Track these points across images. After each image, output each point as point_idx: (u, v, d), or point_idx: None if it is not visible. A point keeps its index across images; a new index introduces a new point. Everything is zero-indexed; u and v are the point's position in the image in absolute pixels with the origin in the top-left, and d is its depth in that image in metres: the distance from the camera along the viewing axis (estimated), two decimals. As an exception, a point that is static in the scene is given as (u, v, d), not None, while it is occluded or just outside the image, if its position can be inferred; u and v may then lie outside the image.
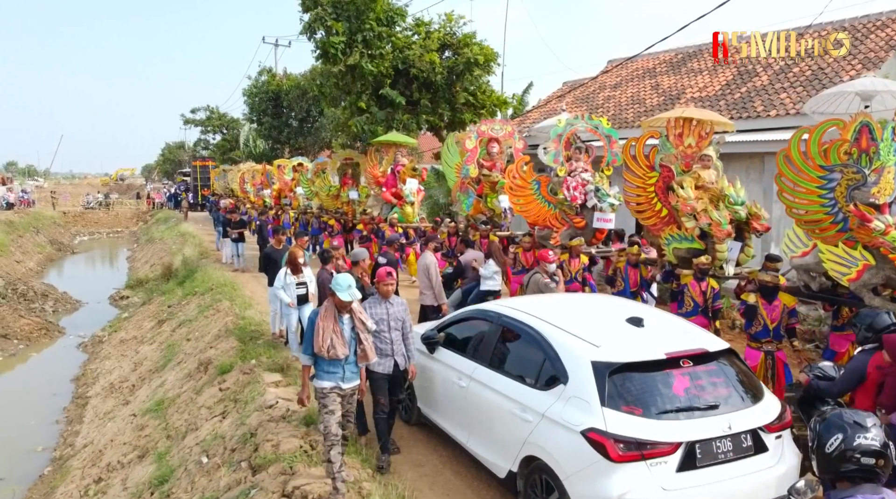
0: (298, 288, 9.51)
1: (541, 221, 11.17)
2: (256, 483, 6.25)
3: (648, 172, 8.97)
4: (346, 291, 5.45)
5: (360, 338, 5.61)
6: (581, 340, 5.03)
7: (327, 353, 5.43)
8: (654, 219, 9.03)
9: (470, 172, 13.19)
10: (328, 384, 5.56)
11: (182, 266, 22.09)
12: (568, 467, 4.64)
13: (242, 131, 56.03)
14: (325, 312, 5.54)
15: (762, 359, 6.99)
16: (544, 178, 11.05)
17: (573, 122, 11.24)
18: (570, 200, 10.47)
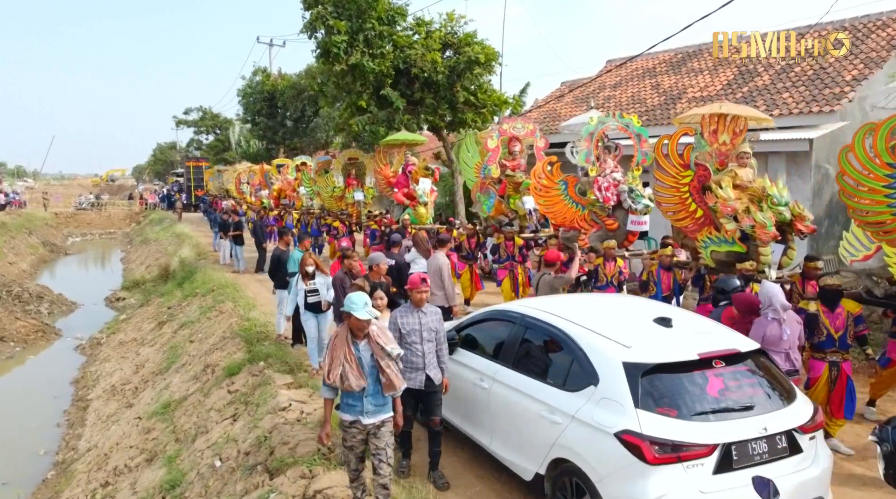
0: (310, 296, 9.09)
1: (568, 222, 10.85)
2: (275, 487, 6.17)
3: (682, 170, 8.59)
4: (362, 309, 4.82)
5: (380, 366, 4.89)
6: (611, 340, 4.98)
7: (342, 384, 4.85)
8: (688, 221, 8.63)
9: (492, 172, 12.91)
10: (348, 418, 5.03)
11: (180, 267, 21.92)
12: (601, 469, 4.58)
13: (233, 131, 55.93)
14: (338, 339, 4.94)
15: (826, 370, 6.60)
16: (572, 178, 10.79)
17: (605, 120, 10.91)
18: (603, 202, 10.10)
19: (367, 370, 4.87)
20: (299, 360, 9.48)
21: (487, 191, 13.16)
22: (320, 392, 5.21)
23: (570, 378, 5.13)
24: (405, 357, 5.63)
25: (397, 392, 5.06)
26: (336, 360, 4.85)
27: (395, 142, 16.19)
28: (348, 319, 4.90)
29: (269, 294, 15.27)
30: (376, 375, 4.91)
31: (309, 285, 9.07)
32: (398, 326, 5.84)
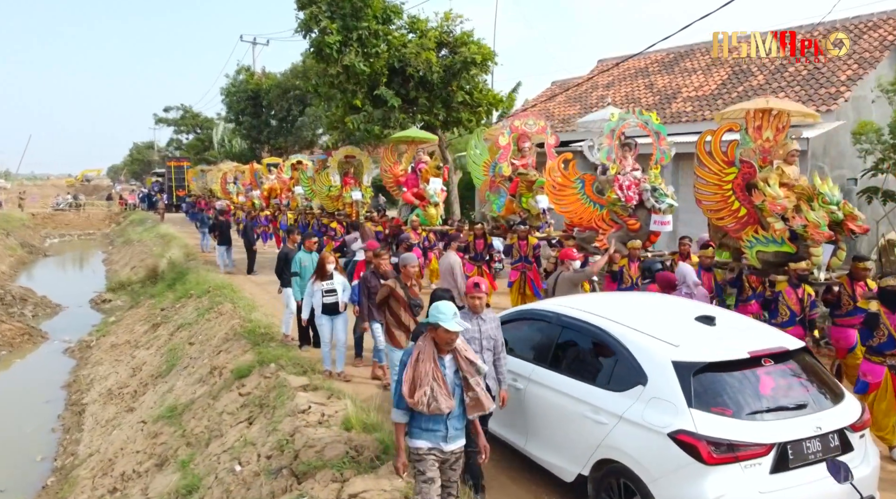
0: (327, 296, 8.77)
1: (585, 222, 10.58)
2: (305, 491, 6.05)
3: (726, 168, 8.33)
4: (451, 319, 4.30)
5: (467, 383, 4.39)
6: (657, 340, 4.93)
7: (427, 407, 4.28)
8: (730, 219, 8.35)
9: (503, 170, 12.59)
10: (425, 445, 4.42)
11: (169, 268, 21.60)
12: (654, 470, 4.54)
13: (216, 130, 55.40)
14: (422, 354, 4.36)
15: (887, 374, 6.29)
16: (588, 176, 10.53)
17: (625, 116, 10.64)
18: (626, 201, 9.84)
19: (451, 388, 4.37)
20: (312, 362, 9.34)
21: (498, 190, 12.88)
22: (392, 416, 4.53)
23: (614, 378, 5.08)
24: None
25: (486, 412, 4.58)
26: (422, 379, 4.28)
27: (405, 139, 15.76)
28: (433, 331, 4.39)
29: (266, 295, 15.20)
30: (460, 394, 4.43)
31: (326, 285, 8.81)
32: None
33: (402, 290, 7.26)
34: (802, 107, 9.53)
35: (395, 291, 7.23)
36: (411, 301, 7.33)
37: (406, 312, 7.28)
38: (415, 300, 7.38)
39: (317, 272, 8.89)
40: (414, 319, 7.36)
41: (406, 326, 7.28)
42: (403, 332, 7.27)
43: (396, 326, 7.31)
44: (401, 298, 7.23)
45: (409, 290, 7.37)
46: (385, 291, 7.33)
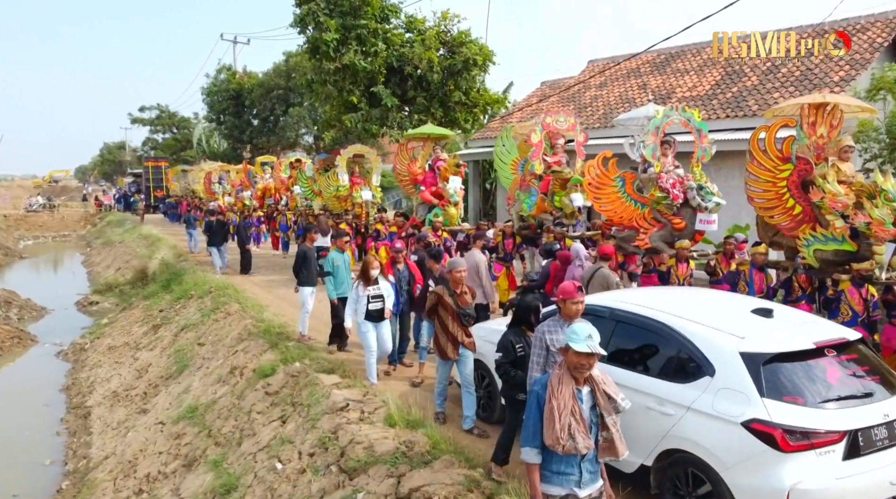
0: (373, 302, 8.34)
1: (626, 221, 10.30)
2: (360, 487, 6.08)
3: (781, 164, 8.14)
4: (583, 341, 3.79)
5: (603, 422, 3.90)
6: (722, 332, 5.06)
7: (562, 446, 3.76)
8: (784, 217, 8.17)
9: (535, 168, 12.24)
10: (558, 492, 3.93)
11: (162, 269, 21.34)
12: (726, 458, 4.66)
13: (196, 130, 54.86)
14: (561, 385, 3.85)
15: None
16: (629, 174, 10.34)
17: (669, 113, 10.42)
18: (672, 199, 9.61)
19: (587, 425, 3.86)
20: (338, 361, 9.35)
21: (528, 188, 12.55)
22: (523, 456, 3.99)
23: (676, 370, 5.20)
24: None
25: (619, 458, 4.01)
26: (560, 413, 3.77)
27: (421, 136, 15.43)
28: (565, 354, 3.92)
29: (269, 295, 15.14)
30: (596, 432, 3.92)
31: (372, 291, 8.38)
32: (545, 343, 5.13)
33: (450, 297, 6.96)
34: (859, 101, 9.21)
35: (444, 298, 6.96)
36: (461, 310, 6.95)
37: (454, 322, 6.93)
38: (464, 309, 6.97)
39: (361, 277, 8.48)
40: (463, 329, 7.00)
41: (454, 337, 6.93)
42: (451, 342, 6.94)
43: (444, 336, 6.98)
44: (449, 307, 6.92)
45: (458, 298, 7.01)
46: (433, 298, 7.04)
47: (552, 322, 5.20)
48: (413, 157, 15.26)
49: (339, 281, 9.80)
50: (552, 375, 3.95)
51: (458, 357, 7.01)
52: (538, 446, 3.88)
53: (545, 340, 5.14)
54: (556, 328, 5.13)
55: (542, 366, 5.12)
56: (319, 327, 11.27)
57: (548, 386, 3.90)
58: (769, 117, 9.02)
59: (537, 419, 3.88)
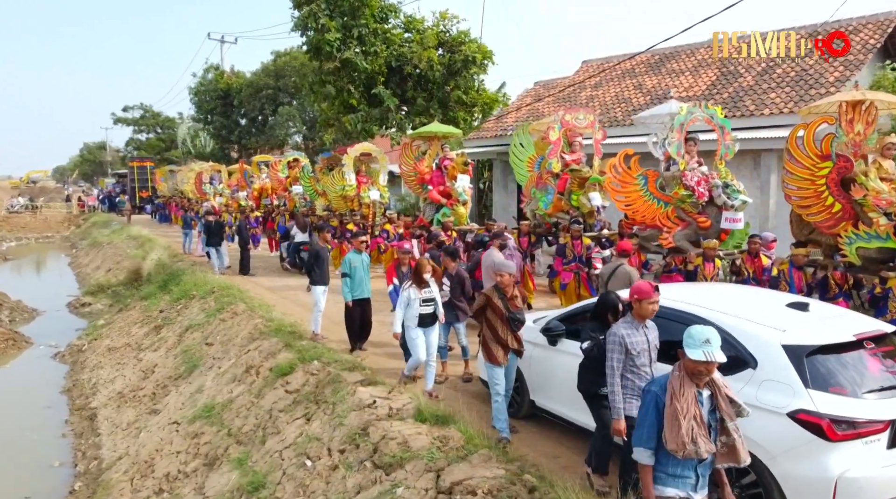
0: (424, 306, 7.96)
1: (649, 220, 10.19)
2: (398, 481, 6.14)
3: (820, 162, 8.13)
4: (698, 348, 3.75)
5: (723, 426, 3.88)
6: (763, 325, 5.19)
7: (682, 451, 3.72)
8: (823, 215, 8.16)
9: (553, 167, 12.15)
10: (674, 494, 3.89)
11: (157, 270, 21.19)
12: (772, 448, 4.77)
13: (180, 130, 54.52)
14: (682, 386, 3.80)
15: None
16: (651, 172, 10.32)
17: (693, 110, 10.35)
18: (697, 197, 9.56)
19: (707, 429, 3.84)
20: (356, 358, 9.41)
21: (545, 187, 12.40)
22: (636, 456, 3.98)
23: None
24: (630, 383, 5.05)
25: (740, 465, 4.00)
26: (684, 417, 3.73)
27: (427, 134, 15.25)
28: (682, 357, 3.87)
29: (274, 295, 15.12)
30: (714, 437, 3.90)
31: (424, 294, 7.98)
32: (626, 346, 5.05)
33: (500, 300, 6.64)
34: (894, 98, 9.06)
35: (493, 301, 6.66)
36: (511, 315, 6.64)
37: (504, 326, 6.64)
38: (515, 314, 6.66)
39: (413, 280, 8.05)
40: (514, 333, 6.71)
41: (504, 342, 6.65)
42: (501, 347, 6.66)
43: (493, 341, 6.69)
44: (498, 310, 6.62)
45: (508, 301, 6.70)
46: (482, 300, 6.76)
47: (628, 323, 5.12)
48: (420, 156, 15.10)
49: (356, 283, 9.69)
50: (671, 376, 3.89)
51: (507, 362, 6.78)
52: (653, 448, 3.86)
53: (625, 343, 5.03)
54: (632, 329, 5.08)
55: (620, 369, 5.05)
56: (330, 327, 11.32)
57: (667, 388, 3.84)
58: (805, 115, 9.00)
59: (654, 421, 3.84)
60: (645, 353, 5.05)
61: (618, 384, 5.04)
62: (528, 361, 7.18)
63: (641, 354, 5.02)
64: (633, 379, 5.05)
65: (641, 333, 5.09)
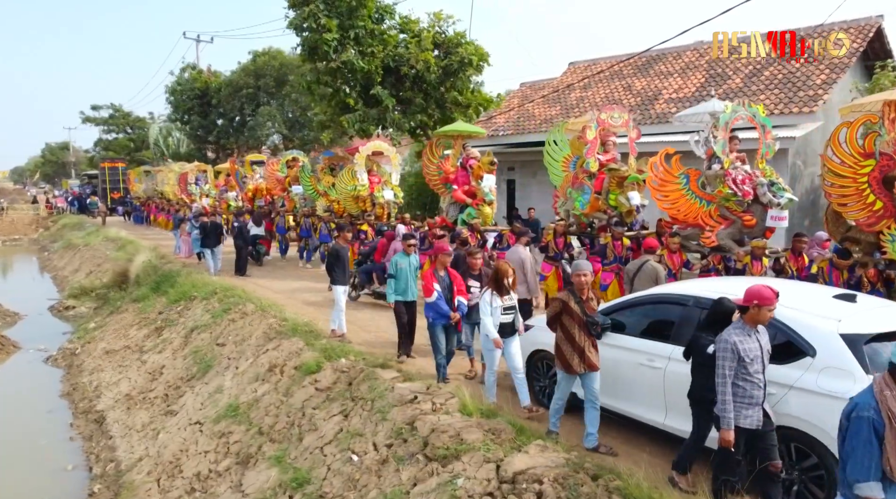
0: (505, 314, 7.46)
1: (691, 219, 10.11)
2: (457, 473, 6.28)
3: (862, 160, 8.16)
4: None
5: None
6: (818, 316, 5.47)
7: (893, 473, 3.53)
8: (864, 212, 8.22)
9: (590, 166, 11.89)
10: None
11: (146, 272, 20.93)
12: (835, 432, 5.02)
13: (151, 130, 53.79)
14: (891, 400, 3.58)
15: None
16: (693, 171, 10.30)
17: (737, 109, 10.29)
18: (742, 196, 9.51)
19: None
20: (386, 353, 9.52)
21: (581, 186, 12.19)
22: (865, 492, 3.67)
23: (772, 352, 5.57)
24: (744, 391, 4.95)
25: None
26: None
27: (451, 133, 15.06)
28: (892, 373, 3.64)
29: (278, 295, 15.10)
30: None
31: (506, 301, 7.45)
32: (739, 353, 4.93)
33: (576, 304, 6.38)
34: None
35: (570, 305, 6.40)
36: (588, 318, 6.40)
37: (581, 331, 6.37)
38: (592, 317, 6.41)
39: (493, 286, 7.52)
40: (591, 339, 6.44)
41: (581, 349, 6.37)
42: (578, 354, 6.39)
43: (569, 347, 6.42)
44: (576, 315, 6.36)
45: (584, 304, 6.45)
46: (557, 306, 6.49)
47: (740, 329, 5.04)
48: (444, 155, 14.94)
49: (401, 286, 9.45)
50: (881, 395, 3.65)
51: (584, 371, 6.50)
52: (880, 478, 3.61)
53: (737, 350, 4.93)
54: (744, 336, 4.99)
55: (732, 377, 4.96)
56: (354, 331, 11.43)
57: (881, 409, 3.61)
58: (844, 114, 9.22)
59: (876, 448, 3.58)
60: (758, 359, 4.97)
61: (729, 393, 4.95)
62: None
63: (755, 360, 4.95)
64: (745, 387, 4.96)
65: (754, 339, 5.01)
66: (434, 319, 8.51)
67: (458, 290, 8.71)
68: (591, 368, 6.47)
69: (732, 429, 4.94)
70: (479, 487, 6.04)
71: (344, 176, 16.37)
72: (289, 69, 36.88)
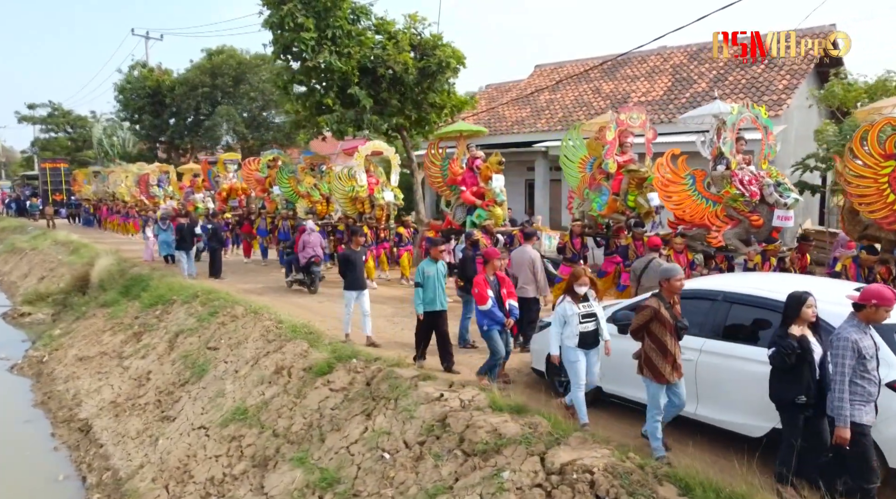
0: (584, 323, 6.92)
1: (698, 219, 10.30)
2: (500, 466, 6.44)
3: (882, 161, 8.42)
4: None
5: None
6: (846, 307, 5.85)
7: None
8: (884, 211, 8.49)
9: (609, 167, 11.87)
10: None
11: (113, 276, 20.34)
12: (873, 416, 5.42)
13: (95, 129, 52.20)
14: None
15: None
16: (699, 172, 10.55)
17: (743, 111, 10.47)
18: (750, 196, 9.76)
19: None
20: (400, 354, 9.60)
21: (599, 187, 12.17)
22: None
23: (812, 344, 5.93)
24: (860, 388, 5.02)
25: None
26: None
27: (453, 134, 14.91)
28: None
29: (261, 298, 14.94)
30: None
31: (583, 309, 6.95)
32: (859, 351, 5.03)
33: (667, 310, 6.13)
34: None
35: (661, 312, 6.11)
36: (679, 323, 6.16)
37: (672, 338, 6.10)
38: (681, 322, 6.19)
39: (567, 292, 7.07)
40: (678, 345, 6.19)
41: (672, 356, 6.11)
42: (669, 363, 6.11)
43: (660, 356, 6.12)
44: (667, 322, 6.10)
45: (672, 309, 6.20)
46: (648, 314, 6.15)
47: (856, 327, 5.11)
48: (450, 156, 14.69)
49: (429, 295, 9.05)
50: None
51: (675, 379, 6.23)
52: None
53: (858, 348, 4.99)
54: (861, 333, 5.07)
55: (850, 374, 5.02)
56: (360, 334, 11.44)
57: None
58: (862, 118, 9.62)
59: None
60: (874, 357, 5.06)
61: (847, 390, 5.01)
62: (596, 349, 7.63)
63: (872, 358, 5.03)
64: (863, 384, 5.02)
65: (869, 336, 5.10)
66: (489, 326, 8.28)
67: (508, 292, 8.44)
68: (680, 375, 6.31)
69: (849, 426, 4.99)
70: (527, 479, 6.21)
71: (341, 176, 16.02)
72: (247, 68, 36.27)
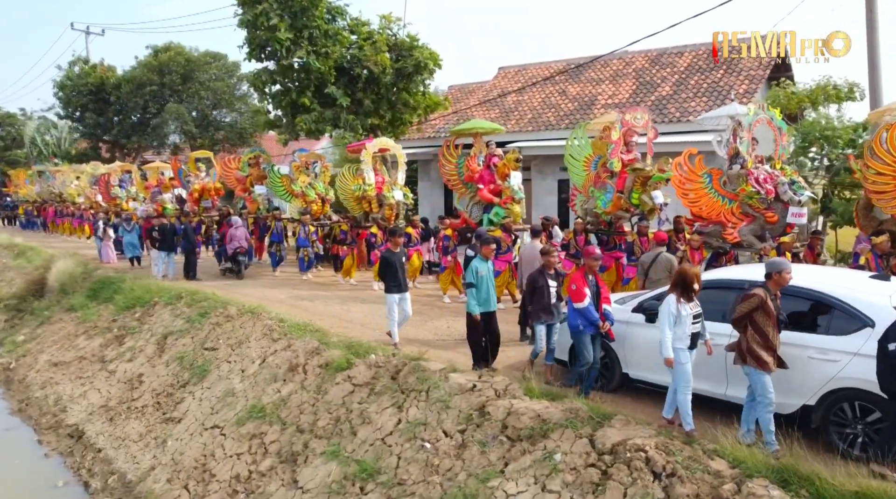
0: (695, 324, 6.71)
1: (714, 216, 10.68)
2: (550, 450, 6.78)
3: None
4: None
5: None
6: (869, 293, 6.45)
7: None
8: None
9: (614, 166, 12.22)
10: None
11: (75, 279, 19.70)
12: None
13: (27, 127, 50.15)
14: None
15: None
16: (716, 170, 10.93)
17: (759, 112, 10.86)
18: (765, 194, 10.11)
19: None
20: (417, 348, 9.82)
21: (604, 186, 12.47)
22: None
23: (833, 326, 6.48)
24: None
25: None
26: None
27: (469, 131, 14.82)
28: None
29: (248, 299, 14.84)
30: None
31: (693, 309, 6.72)
32: None
33: (772, 301, 6.29)
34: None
35: (767, 303, 6.25)
36: (780, 316, 6.37)
37: (775, 329, 6.28)
38: (783, 314, 6.41)
39: (680, 292, 6.70)
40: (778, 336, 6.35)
41: (774, 347, 6.29)
42: (771, 354, 6.29)
43: (763, 347, 6.27)
44: (771, 313, 6.26)
45: (776, 301, 6.39)
46: (755, 302, 6.26)
47: None
48: (467, 153, 14.66)
49: (482, 295, 8.96)
50: None
51: (776, 369, 6.39)
52: None
53: None
54: None
55: None
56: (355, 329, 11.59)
57: None
58: (875, 118, 10.20)
59: None
60: None
61: None
62: (622, 338, 8.08)
63: None
64: None
65: None
66: (584, 327, 7.87)
67: (604, 297, 8.17)
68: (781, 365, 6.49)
69: None
70: (580, 460, 6.57)
71: (346, 175, 15.78)
72: (195, 66, 35.49)
